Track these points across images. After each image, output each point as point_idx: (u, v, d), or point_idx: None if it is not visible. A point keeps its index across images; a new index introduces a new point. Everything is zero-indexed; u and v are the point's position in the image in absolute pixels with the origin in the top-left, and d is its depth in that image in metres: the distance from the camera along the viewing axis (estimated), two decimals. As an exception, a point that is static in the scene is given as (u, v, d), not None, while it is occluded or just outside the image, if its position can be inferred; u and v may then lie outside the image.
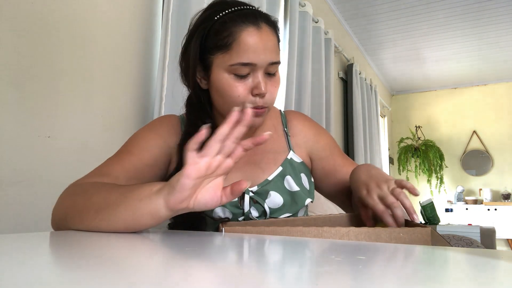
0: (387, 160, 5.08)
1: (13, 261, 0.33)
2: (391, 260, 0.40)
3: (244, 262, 0.39)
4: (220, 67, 0.72)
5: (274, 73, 0.75)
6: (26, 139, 0.98)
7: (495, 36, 3.85)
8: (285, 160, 0.85)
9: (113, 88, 1.23)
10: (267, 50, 0.71)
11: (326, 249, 0.45)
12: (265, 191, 0.81)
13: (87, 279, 0.27)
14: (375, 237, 0.54)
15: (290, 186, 0.83)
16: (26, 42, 0.99)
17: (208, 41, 0.72)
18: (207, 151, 0.52)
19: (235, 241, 0.51)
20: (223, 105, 0.75)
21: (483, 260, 0.37)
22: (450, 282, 0.29)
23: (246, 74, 0.72)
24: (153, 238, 0.54)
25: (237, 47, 0.69)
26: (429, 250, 0.44)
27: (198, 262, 0.36)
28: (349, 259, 0.37)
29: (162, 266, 0.34)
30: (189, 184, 0.51)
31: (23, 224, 0.96)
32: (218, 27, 0.71)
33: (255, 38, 0.70)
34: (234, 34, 0.70)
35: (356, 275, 0.30)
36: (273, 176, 0.83)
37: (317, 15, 2.75)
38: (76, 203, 0.60)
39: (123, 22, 1.27)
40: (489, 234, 2.82)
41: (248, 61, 0.70)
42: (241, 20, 0.70)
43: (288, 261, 0.38)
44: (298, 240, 0.51)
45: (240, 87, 0.71)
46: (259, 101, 0.73)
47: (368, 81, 4.09)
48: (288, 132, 0.90)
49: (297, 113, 0.95)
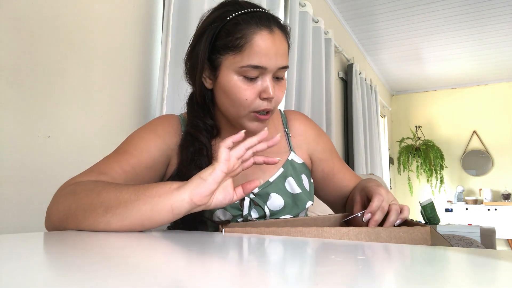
0: (387, 160, 5.07)
1: (13, 261, 0.33)
2: (391, 260, 0.39)
3: (244, 262, 0.39)
4: (229, 68, 0.71)
5: (281, 77, 0.75)
6: (26, 139, 0.98)
7: (495, 36, 3.85)
8: (286, 161, 0.85)
9: (113, 88, 1.23)
10: (278, 55, 0.71)
11: (326, 249, 0.45)
12: (265, 193, 0.80)
13: (87, 279, 0.27)
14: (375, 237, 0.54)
15: (292, 188, 0.83)
16: (26, 42, 0.99)
17: (218, 41, 0.72)
18: (236, 152, 0.58)
19: (235, 241, 0.51)
20: (228, 106, 0.75)
21: (483, 260, 0.37)
22: (450, 282, 0.29)
23: (255, 77, 0.71)
24: (153, 238, 0.54)
25: (249, 49, 0.69)
26: (429, 250, 0.44)
27: (198, 262, 0.36)
28: (349, 259, 0.37)
29: (162, 266, 0.34)
30: (221, 177, 0.56)
31: (23, 224, 0.96)
32: (230, 28, 0.70)
33: (268, 42, 0.70)
34: (247, 36, 0.69)
35: (356, 275, 0.30)
36: (274, 177, 0.82)
37: (317, 15, 2.75)
38: (79, 201, 0.58)
39: (123, 22, 1.27)
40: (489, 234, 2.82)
41: (259, 64, 0.70)
42: (254, 23, 0.70)
43: (288, 261, 0.38)
44: (298, 240, 0.51)
45: (248, 90, 0.71)
46: (265, 105, 0.73)
47: (368, 81, 4.09)
48: (289, 133, 0.89)
49: (297, 113, 0.94)
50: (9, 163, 0.94)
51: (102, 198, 0.57)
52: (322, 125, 2.63)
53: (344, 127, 3.55)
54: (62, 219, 0.58)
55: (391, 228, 0.54)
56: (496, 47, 4.12)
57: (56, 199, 0.62)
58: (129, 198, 0.55)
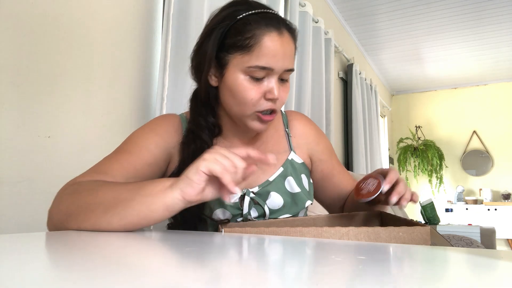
0: (387, 160, 5.07)
1: (13, 261, 0.33)
2: (391, 260, 0.39)
3: (243, 262, 0.39)
4: (236, 67, 0.72)
5: (286, 79, 0.76)
6: (26, 139, 0.98)
7: (495, 36, 3.84)
8: (286, 160, 0.85)
9: (113, 88, 1.23)
10: (286, 57, 0.72)
11: (326, 249, 0.45)
12: (265, 191, 0.81)
13: (87, 279, 0.27)
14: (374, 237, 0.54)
15: (291, 187, 0.83)
16: (26, 42, 0.99)
17: (227, 39, 0.72)
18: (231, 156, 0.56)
19: (234, 241, 0.51)
20: (233, 105, 0.75)
21: (483, 260, 0.37)
22: (450, 282, 0.29)
23: (261, 77, 0.72)
24: (152, 238, 0.54)
25: (258, 50, 0.70)
26: (429, 250, 0.44)
27: (197, 262, 0.36)
28: (349, 259, 0.37)
29: (161, 266, 0.34)
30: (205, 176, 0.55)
31: (23, 224, 0.96)
32: (240, 27, 0.71)
33: (277, 43, 0.70)
34: (257, 36, 0.70)
35: (356, 275, 0.30)
36: (274, 177, 0.83)
37: (317, 15, 2.75)
38: (80, 201, 0.59)
39: (123, 22, 1.27)
40: (489, 234, 2.82)
41: (267, 65, 0.70)
42: (264, 24, 0.70)
43: (288, 261, 0.38)
44: (298, 240, 0.51)
45: (254, 90, 0.72)
46: (270, 105, 0.74)
47: (368, 81, 4.09)
48: (289, 133, 0.90)
49: (298, 113, 0.95)
50: (9, 163, 0.94)
51: (100, 198, 0.58)
52: (322, 125, 2.63)
53: (344, 127, 3.55)
54: (64, 219, 0.59)
55: (391, 228, 0.54)
56: (496, 47, 4.12)
57: (58, 200, 0.63)
58: (125, 198, 0.56)
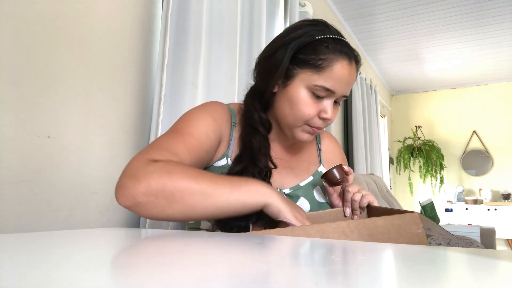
0: (387, 160, 5.07)
1: (13, 261, 0.33)
2: (391, 260, 0.40)
3: (243, 261, 0.39)
4: (302, 82, 0.77)
5: (339, 102, 0.82)
6: (26, 139, 0.98)
7: (495, 36, 3.84)
8: (316, 171, 0.92)
9: (113, 88, 1.23)
10: (348, 85, 0.79)
11: (326, 249, 0.45)
12: (295, 195, 0.85)
13: (87, 279, 0.27)
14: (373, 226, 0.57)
15: (319, 197, 0.88)
16: (26, 42, 0.99)
17: (300, 55, 0.76)
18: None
19: (234, 241, 0.51)
20: (287, 114, 0.80)
21: (483, 260, 0.37)
22: (449, 282, 0.29)
23: (322, 97, 0.77)
24: (152, 238, 0.54)
25: (328, 73, 0.75)
26: (429, 250, 0.44)
27: (197, 261, 0.36)
28: (349, 259, 0.37)
29: (161, 266, 0.34)
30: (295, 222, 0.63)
31: (23, 224, 0.96)
32: (317, 47, 0.75)
33: (345, 72, 0.76)
34: (331, 60, 0.75)
35: (356, 275, 0.30)
36: (304, 183, 0.87)
37: (317, 15, 2.75)
38: (177, 183, 0.58)
39: (122, 22, 1.27)
40: (489, 234, 2.82)
41: (332, 88, 0.76)
42: (339, 50, 0.76)
43: (288, 261, 0.38)
44: (298, 240, 0.51)
45: (312, 107, 0.77)
46: (321, 123, 0.80)
47: (368, 81, 4.09)
48: (320, 148, 0.97)
49: (329, 133, 1.05)
50: (9, 163, 0.94)
51: (200, 185, 0.59)
52: (322, 125, 2.63)
53: (344, 127, 3.55)
54: (153, 195, 0.57)
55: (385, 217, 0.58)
56: (496, 47, 4.11)
57: (145, 174, 0.58)
58: (225, 190, 0.60)
